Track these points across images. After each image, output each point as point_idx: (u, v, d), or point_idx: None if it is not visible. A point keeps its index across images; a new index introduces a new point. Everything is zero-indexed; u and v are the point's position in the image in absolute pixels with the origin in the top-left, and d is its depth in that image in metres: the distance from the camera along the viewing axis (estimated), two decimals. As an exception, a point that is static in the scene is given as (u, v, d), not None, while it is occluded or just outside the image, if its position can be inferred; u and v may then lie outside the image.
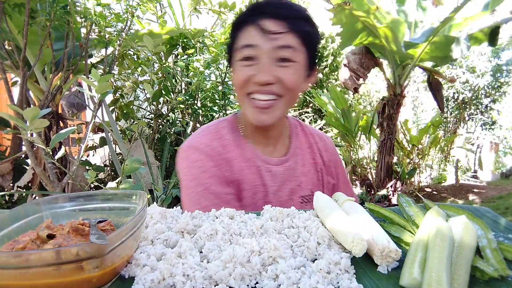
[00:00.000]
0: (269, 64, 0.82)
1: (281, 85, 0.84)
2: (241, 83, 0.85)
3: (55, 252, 0.41)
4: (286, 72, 0.83)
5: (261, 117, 0.87)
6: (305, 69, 0.88)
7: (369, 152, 5.04)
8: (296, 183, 0.98)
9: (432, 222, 0.53)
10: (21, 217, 0.57)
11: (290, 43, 0.82)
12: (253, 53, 0.83)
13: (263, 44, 0.82)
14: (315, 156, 1.04)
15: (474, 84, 7.01)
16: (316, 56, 0.92)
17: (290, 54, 0.83)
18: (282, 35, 0.82)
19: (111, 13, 2.28)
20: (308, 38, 0.86)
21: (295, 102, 0.91)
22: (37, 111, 1.15)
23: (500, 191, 4.87)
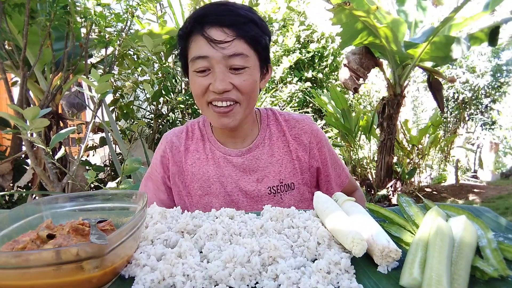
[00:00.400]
0: (223, 72, 0.84)
1: (237, 91, 0.87)
2: (200, 93, 0.88)
3: (55, 252, 0.41)
4: (240, 79, 0.86)
5: (224, 120, 0.89)
6: (258, 70, 0.90)
7: (369, 152, 5.04)
8: (262, 174, 0.99)
9: (432, 222, 0.53)
10: (21, 217, 0.57)
11: (239, 51, 0.84)
12: (206, 64, 0.85)
13: (213, 54, 0.83)
14: (289, 143, 1.02)
15: (474, 84, 7.01)
16: (267, 54, 0.93)
17: (241, 61, 0.84)
18: (229, 43, 0.83)
19: (111, 13, 2.28)
20: (256, 41, 0.87)
21: (255, 102, 0.94)
22: (37, 111, 1.15)
23: (500, 191, 4.86)
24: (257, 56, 0.89)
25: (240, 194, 0.98)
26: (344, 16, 3.19)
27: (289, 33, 6.14)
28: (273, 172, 0.99)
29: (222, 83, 0.84)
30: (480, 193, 4.81)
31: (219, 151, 1.00)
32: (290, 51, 6.10)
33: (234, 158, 0.99)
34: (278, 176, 0.99)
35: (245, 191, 0.98)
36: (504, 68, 7.12)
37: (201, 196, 0.99)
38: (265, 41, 0.90)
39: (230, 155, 1.00)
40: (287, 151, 1.02)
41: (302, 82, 6.06)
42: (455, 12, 3.08)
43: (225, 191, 0.98)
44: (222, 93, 0.85)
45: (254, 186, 0.98)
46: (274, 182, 0.98)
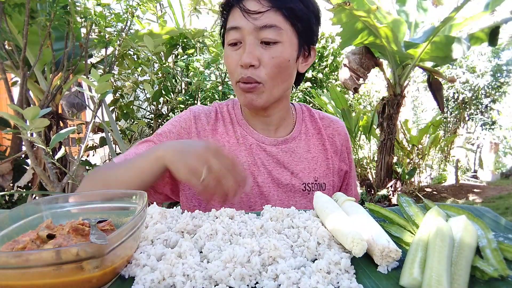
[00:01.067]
0: (252, 45, 0.79)
1: (264, 68, 0.80)
2: (231, 69, 0.84)
3: (55, 252, 0.41)
4: (270, 55, 0.80)
5: (248, 96, 0.83)
6: (295, 48, 0.84)
7: (369, 152, 5.04)
8: (297, 168, 0.93)
9: (432, 222, 0.53)
10: (21, 217, 0.57)
11: (271, 22, 0.78)
12: (238, 36, 0.80)
13: (244, 25, 0.79)
14: (324, 142, 0.98)
15: (474, 84, 7.01)
16: (310, 32, 0.86)
17: (273, 34, 0.79)
18: (262, 14, 0.78)
19: (111, 13, 2.28)
20: (294, 15, 0.80)
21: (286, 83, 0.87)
22: (37, 111, 1.15)
23: (500, 191, 4.86)
24: (294, 31, 0.82)
25: (272, 186, 0.91)
26: (344, 16, 3.19)
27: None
28: (308, 169, 0.94)
29: (249, 55, 0.79)
30: (480, 193, 4.81)
31: (251, 136, 0.92)
32: (290, 51, 6.09)
33: (268, 147, 0.92)
34: (313, 174, 0.94)
35: (277, 183, 0.91)
36: (504, 68, 7.13)
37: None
38: (307, 17, 0.83)
39: (264, 143, 0.92)
40: (323, 150, 0.98)
41: (302, 82, 6.06)
42: (455, 12, 3.08)
43: (255, 181, 0.90)
44: (248, 69, 0.80)
45: (289, 179, 0.92)
46: (309, 179, 0.93)
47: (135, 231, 0.49)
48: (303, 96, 5.96)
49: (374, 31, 3.38)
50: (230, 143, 0.92)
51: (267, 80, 0.81)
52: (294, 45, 0.83)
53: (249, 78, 0.80)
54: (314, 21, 0.86)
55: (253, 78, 0.80)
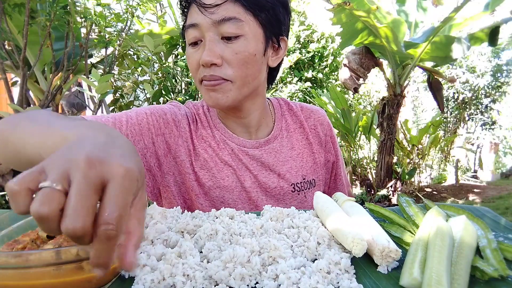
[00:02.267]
0: (212, 41, 0.73)
1: (229, 66, 0.74)
2: (193, 70, 0.78)
3: (55, 252, 0.41)
4: (232, 51, 0.73)
5: (213, 95, 0.76)
6: (262, 41, 0.77)
7: (369, 152, 5.04)
8: (283, 169, 0.88)
9: (432, 222, 0.53)
10: (22, 217, 0.57)
11: (230, 14, 0.71)
12: (197, 34, 0.74)
13: (201, 20, 0.72)
14: (307, 135, 0.93)
15: (474, 84, 7.01)
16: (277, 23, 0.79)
17: (232, 28, 0.72)
18: (219, 6, 0.71)
19: (111, 13, 2.28)
20: (255, 4, 0.74)
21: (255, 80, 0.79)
22: (37, 111, 1.15)
23: (500, 191, 4.86)
24: (258, 22, 0.75)
25: (259, 191, 0.86)
26: (344, 16, 3.19)
27: (289, 33, 6.14)
28: (295, 167, 0.89)
29: (209, 53, 0.72)
30: (480, 193, 4.81)
31: (231, 141, 0.87)
32: (290, 51, 6.10)
33: (251, 150, 0.87)
34: (300, 172, 0.89)
35: (265, 188, 0.86)
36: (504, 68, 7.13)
37: (212, 188, 0.84)
38: (272, 6, 0.76)
39: (246, 146, 0.87)
40: (307, 144, 0.93)
41: (302, 82, 6.06)
42: (455, 12, 3.08)
43: (243, 186, 0.85)
44: (210, 67, 0.73)
45: (276, 182, 0.87)
46: (297, 179, 0.89)
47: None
48: (303, 96, 5.96)
49: (374, 31, 3.38)
50: (212, 147, 0.86)
51: (234, 78, 0.75)
52: (259, 37, 0.76)
53: (212, 76, 0.74)
54: (280, 9, 0.79)
55: (217, 75, 0.74)
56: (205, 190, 0.84)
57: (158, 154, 0.81)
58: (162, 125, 0.82)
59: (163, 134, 0.82)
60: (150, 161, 0.80)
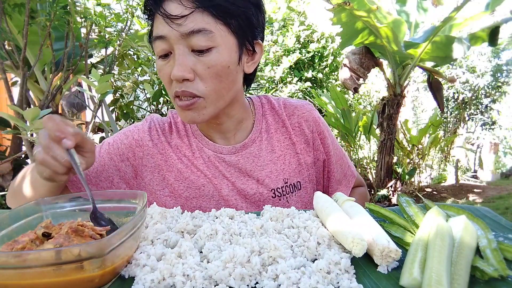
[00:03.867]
0: (182, 55, 0.69)
1: (201, 81, 0.70)
2: (166, 83, 0.74)
3: (55, 252, 0.41)
4: (204, 65, 0.69)
5: (188, 114, 0.74)
6: (235, 50, 0.73)
7: (369, 152, 5.04)
8: (262, 174, 0.84)
9: (432, 222, 0.53)
10: (21, 217, 0.57)
11: (199, 26, 0.67)
12: (165, 46, 0.70)
13: (168, 32, 0.68)
14: (290, 135, 0.88)
15: (474, 84, 7.01)
16: (250, 27, 0.74)
17: (202, 40, 0.68)
18: (186, 18, 0.67)
19: (111, 13, 2.28)
20: (225, 12, 0.69)
21: (230, 91, 0.76)
22: (37, 112, 1.15)
23: (500, 191, 4.86)
24: (229, 30, 0.70)
25: (238, 199, 0.83)
26: (344, 16, 3.19)
27: (289, 33, 6.14)
28: (276, 171, 0.85)
29: (180, 68, 0.68)
30: (480, 193, 4.80)
31: (208, 148, 0.84)
32: (290, 51, 6.10)
33: (227, 156, 0.84)
34: (281, 176, 0.85)
35: (244, 195, 0.83)
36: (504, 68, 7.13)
37: (188, 199, 0.83)
38: (244, 10, 0.71)
39: (222, 153, 0.84)
40: (290, 144, 0.88)
41: (302, 82, 6.06)
42: (455, 12, 3.08)
43: (220, 195, 0.83)
44: (182, 82, 0.70)
45: (255, 189, 0.83)
46: (277, 183, 0.84)
47: (135, 231, 0.49)
48: (303, 96, 5.96)
49: (374, 31, 3.37)
50: (187, 156, 0.84)
51: (208, 94, 0.72)
52: (232, 47, 0.72)
53: (184, 92, 0.71)
54: (253, 12, 0.74)
55: (190, 92, 0.71)
56: (181, 201, 0.83)
57: (126, 178, 0.84)
58: (125, 150, 0.84)
59: (128, 159, 0.84)
60: (118, 186, 0.83)
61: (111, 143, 0.85)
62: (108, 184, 0.83)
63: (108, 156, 0.83)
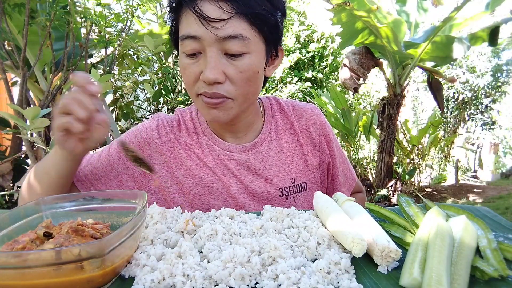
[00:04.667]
0: (216, 58, 0.69)
1: (231, 84, 0.72)
2: (190, 82, 0.74)
3: (55, 252, 0.41)
4: (236, 70, 0.70)
5: (214, 113, 0.75)
6: (263, 56, 0.75)
7: (369, 152, 5.04)
8: (271, 173, 0.85)
9: (432, 222, 0.53)
10: (21, 217, 0.57)
11: (237, 32, 0.68)
12: (197, 46, 0.70)
13: (204, 35, 0.68)
14: (298, 137, 0.90)
15: (474, 84, 7.02)
16: (278, 34, 0.76)
17: (238, 45, 0.69)
18: (225, 22, 0.67)
19: (111, 13, 2.28)
20: (262, 20, 0.70)
21: (255, 95, 0.79)
22: (38, 111, 1.15)
23: (500, 191, 4.86)
24: (262, 38, 0.72)
25: (246, 197, 0.84)
26: (344, 16, 3.19)
27: (289, 33, 6.14)
28: (284, 171, 0.86)
29: (213, 71, 0.69)
30: (480, 193, 4.81)
31: (218, 146, 0.86)
32: (290, 51, 6.10)
33: (237, 155, 0.85)
34: (289, 176, 0.86)
35: (252, 193, 0.84)
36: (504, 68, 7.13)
37: (197, 196, 0.84)
38: (275, 18, 0.73)
39: (232, 151, 0.85)
40: (297, 146, 0.89)
41: (302, 82, 6.06)
42: (456, 12, 3.08)
43: (228, 192, 0.84)
44: (213, 84, 0.71)
45: (263, 187, 0.85)
46: (285, 183, 0.86)
47: (135, 231, 0.49)
48: (303, 96, 5.96)
49: (374, 31, 3.38)
50: (196, 153, 0.86)
51: (237, 96, 0.74)
52: (261, 52, 0.74)
53: (215, 93, 0.72)
54: (280, 19, 0.76)
55: (221, 94, 0.72)
56: (190, 198, 0.85)
57: (135, 176, 0.85)
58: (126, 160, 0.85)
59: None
60: (127, 184, 0.85)
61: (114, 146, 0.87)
62: (117, 183, 0.85)
63: (117, 155, 0.85)
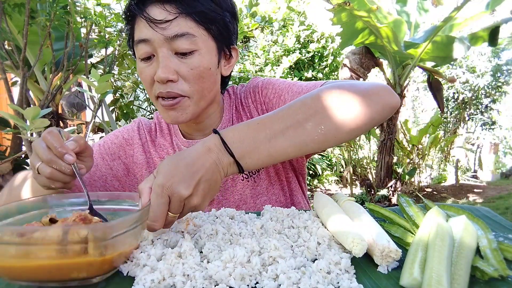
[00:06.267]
0: (166, 58, 0.72)
1: (185, 82, 0.74)
2: (147, 85, 0.77)
3: (63, 231, 0.42)
4: (187, 67, 0.73)
5: (172, 114, 0.77)
6: (215, 54, 0.78)
7: (369, 152, 5.04)
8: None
9: (432, 222, 0.53)
10: (28, 209, 0.59)
11: (183, 30, 0.71)
12: (149, 49, 0.74)
13: (153, 36, 0.71)
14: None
15: (474, 84, 7.02)
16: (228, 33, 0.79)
17: (186, 43, 0.72)
18: (170, 22, 0.71)
19: (111, 13, 2.28)
20: (207, 18, 0.74)
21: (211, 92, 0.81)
22: (38, 111, 1.15)
23: (500, 191, 4.87)
24: (211, 36, 0.76)
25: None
26: (344, 16, 3.19)
27: (289, 33, 6.14)
28: None
29: (165, 70, 0.72)
30: (480, 193, 4.81)
31: (185, 146, 0.89)
32: (290, 51, 6.10)
33: None
34: None
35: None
36: (504, 68, 7.13)
37: None
38: (223, 17, 0.77)
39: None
40: None
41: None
42: (456, 12, 3.09)
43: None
44: (166, 83, 0.73)
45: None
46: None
47: (138, 225, 0.50)
48: (303, 96, 5.95)
49: (374, 31, 3.38)
50: (169, 154, 0.90)
51: (192, 94, 0.76)
52: (212, 50, 0.77)
53: (169, 92, 0.74)
54: (230, 19, 0.79)
55: (175, 92, 0.75)
56: None
57: (119, 176, 0.90)
58: (116, 149, 0.91)
59: (119, 157, 0.90)
60: (112, 184, 0.89)
61: (101, 145, 0.91)
62: (102, 183, 0.88)
63: (100, 157, 0.89)
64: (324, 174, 5.43)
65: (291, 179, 0.94)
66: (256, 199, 0.89)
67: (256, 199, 0.89)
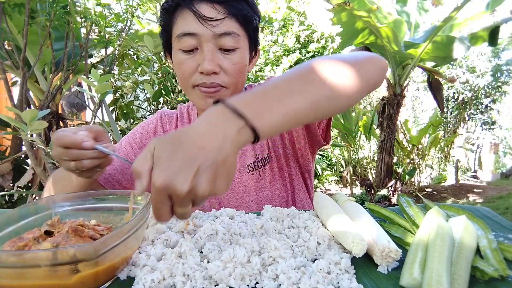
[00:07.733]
0: (212, 52, 0.79)
1: (225, 75, 0.82)
2: (187, 75, 0.83)
3: (52, 253, 0.41)
4: (230, 62, 0.81)
5: (209, 101, 0.84)
6: (248, 52, 0.86)
7: (369, 152, 5.04)
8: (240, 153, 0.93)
9: (432, 222, 0.53)
10: (31, 213, 0.59)
11: (230, 29, 0.79)
12: (194, 42, 0.79)
13: (202, 31, 0.78)
14: None
15: (474, 84, 7.01)
16: (257, 36, 0.89)
17: (231, 41, 0.80)
18: (220, 21, 0.78)
19: (111, 13, 2.28)
20: (247, 21, 0.82)
21: (242, 86, 0.90)
22: (36, 113, 1.14)
23: (500, 191, 4.86)
24: (247, 37, 0.85)
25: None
26: (344, 16, 3.19)
27: (289, 33, 6.14)
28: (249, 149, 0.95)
29: (211, 63, 0.78)
30: (480, 193, 4.81)
31: None
32: (290, 51, 6.09)
33: None
34: (253, 152, 0.95)
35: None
36: (504, 68, 7.13)
37: None
38: (256, 21, 0.86)
39: None
40: None
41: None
42: (456, 12, 3.08)
43: None
44: (210, 75, 0.80)
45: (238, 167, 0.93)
46: (250, 159, 0.95)
47: (134, 232, 0.49)
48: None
49: (374, 31, 3.37)
50: None
51: (230, 85, 0.84)
52: (247, 49, 0.86)
53: (213, 83, 0.81)
54: (257, 22, 0.88)
55: (218, 83, 0.82)
56: None
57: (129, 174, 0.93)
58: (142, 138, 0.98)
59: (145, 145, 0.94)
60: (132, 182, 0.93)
61: (129, 136, 0.99)
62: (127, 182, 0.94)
63: (129, 146, 0.96)
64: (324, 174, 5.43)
65: (294, 177, 0.98)
66: (259, 192, 0.93)
67: (259, 192, 0.93)
